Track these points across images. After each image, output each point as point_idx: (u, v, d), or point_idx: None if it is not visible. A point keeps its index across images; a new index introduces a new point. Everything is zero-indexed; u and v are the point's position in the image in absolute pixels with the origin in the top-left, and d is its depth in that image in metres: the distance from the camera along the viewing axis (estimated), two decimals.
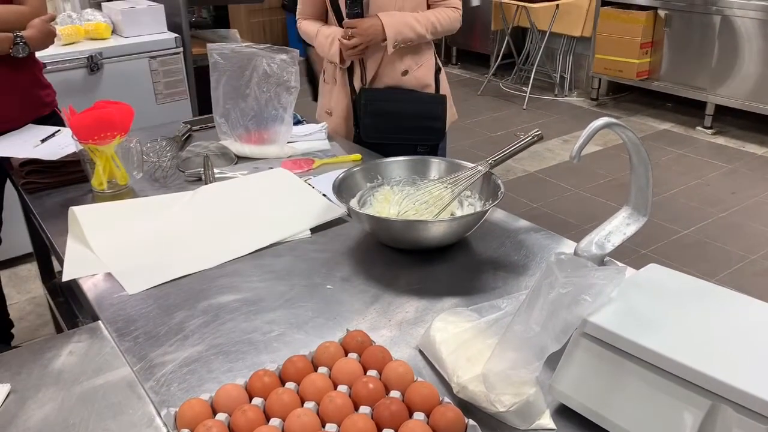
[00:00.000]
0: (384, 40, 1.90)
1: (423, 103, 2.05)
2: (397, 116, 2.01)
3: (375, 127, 2.00)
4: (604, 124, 0.91)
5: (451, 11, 1.99)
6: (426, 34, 1.95)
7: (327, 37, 1.98)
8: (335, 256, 1.26)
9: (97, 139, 1.47)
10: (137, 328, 1.05)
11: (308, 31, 2.07)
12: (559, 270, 0.79)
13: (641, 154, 0.95)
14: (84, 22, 3.02)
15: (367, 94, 2.00)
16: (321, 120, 2.15)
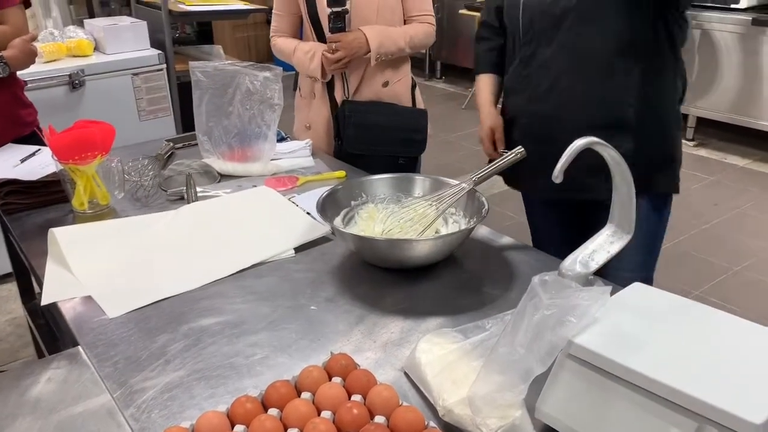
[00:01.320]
0: (367, 53, 1.94)
1: (405, 116, 2.10)
2: (380, 128, 2.03)
3: (358, 139, 2.02)
4: (586, 143, 0.91)
5: (427, 26, 2.06)
6: (405, 47, 2.01)
7: (306, 53, 2.01)
8: (320, 275, 1.25)
9: (78, 159, 1.45)
10: (117, 353, 1.03)
11: (284, 48, 2.09)
12: (543, 291, 0.78)
13: (624, 172, 0.95)
14: (66, 39, 3.00)
15: (350, 106, 2.02)
16: (299, 135, 2.17)
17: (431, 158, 2.28)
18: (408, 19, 2.04)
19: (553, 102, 1.54)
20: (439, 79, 6.14)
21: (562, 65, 1.50)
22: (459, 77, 5.99)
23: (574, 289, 0.80)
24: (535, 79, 1.55)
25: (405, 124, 2.07)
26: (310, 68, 2.01)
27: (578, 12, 1.44)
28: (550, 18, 1.47)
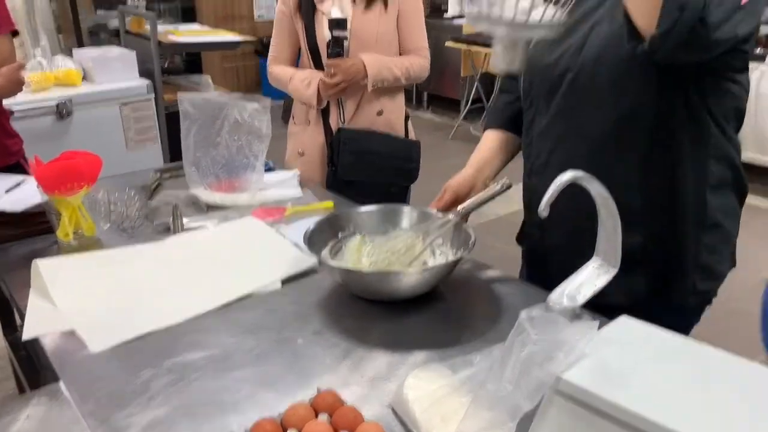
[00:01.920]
0: (364, 79, 2.00)
1: (399, 146, 2.16)
2: (375, 156, 2.08)
3: (353, 166, 2.06)
4: (572, 177, 0.91)
5: (422, 59, 2.13)
6: (401, 77, 2.08)
7: (303, 80, 2.07)
8: (306, 308, 1.24)
9: (64, 191, 1.44)
10: (100, 389, 1.01)
11: (281, 76, 2.14)
12: (530, 327, 0.78)
13: (609, 207, 0.96)
14: (54, 68, 3.01)
15: (345, 134, 2.08)
16: (292, 161, 2.20)
17: (420, 187, 2.30)
18: (403, 52, 2.12)
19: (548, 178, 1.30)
20: (426, 110, 6.20)
21: (558, 137, 1.30)
22: (445, 108, 6.05)
23: (561, 324, 0.80)
24: (534, 150, 1.36)
25: (399, 154, 2.12)
26: (306, 95, 2.05)
27: (575, 77, 1.23)
28: (548, 82, 1.28)
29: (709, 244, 1.25)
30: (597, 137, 1.23)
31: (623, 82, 1.17)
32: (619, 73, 1.17)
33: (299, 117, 2.21)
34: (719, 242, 1.27)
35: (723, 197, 1.26)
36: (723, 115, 1.20)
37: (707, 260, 1.26)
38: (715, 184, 1.23)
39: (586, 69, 1.21)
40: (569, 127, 1.27)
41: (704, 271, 1.27)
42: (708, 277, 1.28)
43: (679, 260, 1.25)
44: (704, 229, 1.24)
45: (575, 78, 1.23)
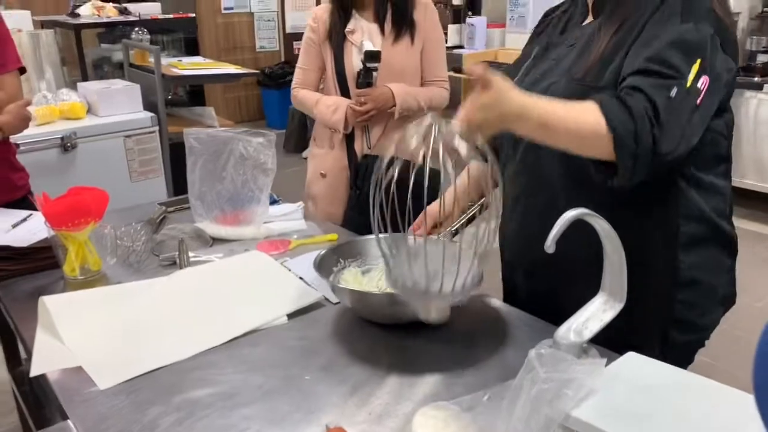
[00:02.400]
0: (392, 107, 2.13)
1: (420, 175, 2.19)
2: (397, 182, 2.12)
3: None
4: (578, 214, 0.93)
5: (443, 90, 2.28)
6: (424, 107, 2.20)
7: (330, 106, 2.19)
8: (313, 342, 1.24)
9: (71, 226, 1.45)
10: (108, 427, 1.01)
11: (307, 101, 2.27)
12: (539, 365, 0.79)
13: (615, 243, 0.97)
14: (59, 102, 3.04)
15: (372, 161, 2.15)
16: (313, 183, 2.34)
17: None
18: (425, 82, 2.25)
19: (512, 226, 1.33)
20: None
21: (522, 186, 1.29)
22: None
23: (569, 362, 0.80)
24: (505, 193, 1.33)
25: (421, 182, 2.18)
26: (332, 120, 2.17)
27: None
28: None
29: (686, 300, 1.22)
30: (557, 192, 1.21)
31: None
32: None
33: (322, 140, 2.32)
34: (699, 297, 1.23)
35: (700, 254, 1.21)
36: (701, 167, 1.17)
37: (685, 315, 1.22)
38: (686, 242, 1.19)
39: None
40: (531, 178, 1.27)
41: (683, 325, 1.23)
42: (688, 331, 1.24)
43: (650, 316, 1.21)
44: (678, 286, 1.21)
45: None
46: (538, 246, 0.94)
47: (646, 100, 1.01)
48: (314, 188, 2.32)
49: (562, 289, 1.27)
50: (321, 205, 2.36)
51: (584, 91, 1.13)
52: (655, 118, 1.01)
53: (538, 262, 1.26)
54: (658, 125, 1.00)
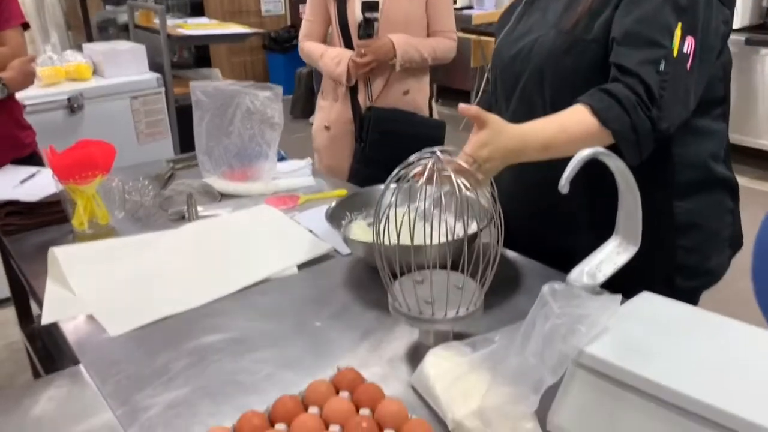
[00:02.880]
0: (393, 59, 2.11)
1: (425, 127, 2.29)
2: (402, 136, 2.17)
3: (381, 144, 2.16)
4: (592, 153, 0.90)
5: (449, 41, 2.24)
6: (428, 58, 2.17)
7: (333, 58, 2.17)
8: (323, 292, 1.24)
9: (79, 179, 1.45)
10: (120, 371, 1.01)
11: (312, 52, 2.26)
12: (553, 300, 0.78)
13: (629, 182, 0.95)
14: (65, 63, 3.02)
15: (376, 113, 2.18)
16: (318, 134, 2.34)
17: None
18: (432, 33, 2.22)
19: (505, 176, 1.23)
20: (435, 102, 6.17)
21: None
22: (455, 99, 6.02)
23: (584, 298, 0.79)
24: None
25: (425, 135, 2.22)
26: (336, 72, 2.16)
27: (524, 84, 1.22)
28: (509, 76, 1.26)
29: (687, 245, 1.21)
30: None
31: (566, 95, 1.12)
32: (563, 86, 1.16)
33: (327, 92, 2.31)
34: (701, 242, 1.23)
35: (698, 199, 1.21)
36: (695, 112, 1.12)
37: (687, 261, 1.22)
38: (682, 188, 1.19)
39: (533, 78, 1.21)
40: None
41: (686, 270, 1.23)
42: (692, 276, 1.24)
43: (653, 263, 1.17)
44: (678, 232, 1.20)
45: (525, 84, 1.23)
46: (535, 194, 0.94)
47: (638, 82, 1.03)
48: (318, 140, 2.34)
49: (559, 237, 1.27)
50: (325, 158, 2.37)
51: (573, 44, 1.14)
52: (650, 100, 1.03)
53: (536, 210, 1.27)
54: (654, 106, 1.03)
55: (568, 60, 1.15)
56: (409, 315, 0.97)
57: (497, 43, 1.33)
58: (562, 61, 1.16)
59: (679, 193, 1.20)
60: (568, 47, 1.14)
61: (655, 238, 1.15)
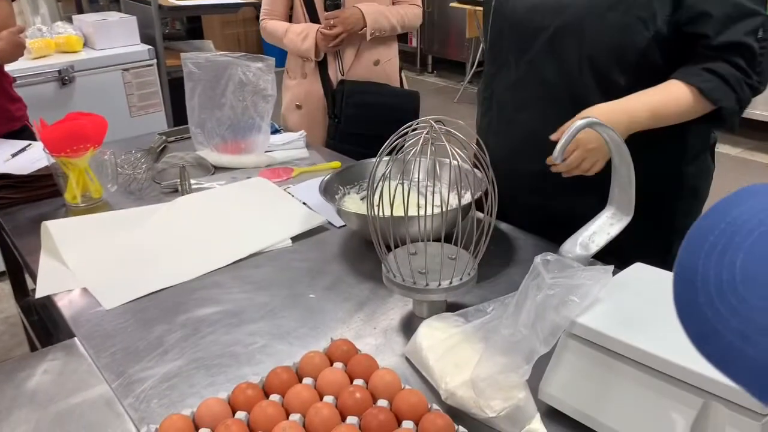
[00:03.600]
0: (363, 28, 2.04)
1: (399, 97, 2.25)
2: (377, 108, 2.13)
3: (357, 117, 2.10)
4: (586, 123, 0.90)
5: (415, 8, 2.18)
6: (397, 26, 2.11)
7: (299, 33, 2.08)
8: (317, 264, 1.24)
9: (70, 152, 1.44)
10: (115, 344, 1.01)
11: (276, 31, 2.15)
12: (545, 271, 0.78)
13: (623, 153, 0.95)
14: (54, 35, 2.97)
15: (348, 86, 2.11)
16: (288, 115, 2.25)
17: None
18: (396, 1, 2.15)
19: (509, 138, 1.28)
20: (430, 73, 6.13)
21: (525, 96, 1.23)
22: (450, 71, 5.99)
23: (576, 269, 0.79)
24: (495, 106, 1.31)
25: (400, 105, 2.18)
26: (302, 48, 2.07)
27: (551, 37, 1.16)
28: (521, 33, 1.21)
29: (685, 209, 1.25)
30: (569, 105, 1.13)
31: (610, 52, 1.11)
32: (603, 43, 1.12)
33: (294, 71, 2.22)
34: (695, 204, 1.28)
35: (698, 163, 1.25)
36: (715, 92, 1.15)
37: (684, 224, 1.24)
38: (692, 153, 1.23)
39: (566, 32, 1.15)
40: (541, 89, 1.21)
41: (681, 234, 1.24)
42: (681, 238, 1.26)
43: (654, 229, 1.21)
44: (681, 196, 1.24)
45: (552, 39, 1.16)
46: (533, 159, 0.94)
47: (740, 56, 1.05)
48: (290, 121, 2.22)
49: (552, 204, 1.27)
50: None
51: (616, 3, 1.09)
52: (752, 69, 1.05)
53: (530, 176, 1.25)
54: (755, 74, 1.05)
55: (612, 16, 1.10)
56: (403, 285, 0.98)
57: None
58: (605, 17, 1.10)
59: (687, 157, 1.23)
60: (615, 3, 1.09)
61: (660, 203, 1.20)
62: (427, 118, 0.95)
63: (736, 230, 0.41)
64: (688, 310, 0.41)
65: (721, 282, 0.39)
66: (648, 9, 1.08)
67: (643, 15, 1.09)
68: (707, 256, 0.41)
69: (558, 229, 1.19)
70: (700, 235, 0.43)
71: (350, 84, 2.10)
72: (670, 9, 1.08)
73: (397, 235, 0.99)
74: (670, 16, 1.08)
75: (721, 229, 0.41)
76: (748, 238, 0.40)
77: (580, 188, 1.14)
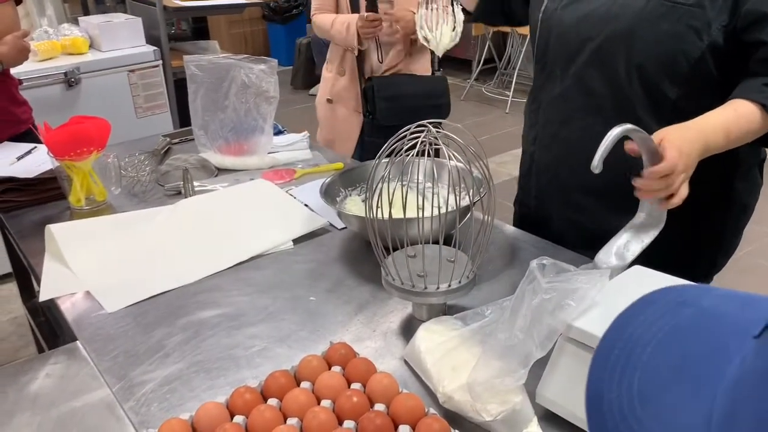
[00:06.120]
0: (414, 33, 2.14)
1: (427, 83, 2.37)
2: (408, 98, 2.28)
3: (390, 110, 2.23)
4: (623, 131, 0.89)
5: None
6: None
7: (343, 23, 2.22)
8: (318, 266, 1.24)
9: (74, 155, 1.44)
10: (116, 347, 1.02)
11: (323, 23, 2.29)
12: (541, 275, 0.78)
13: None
14: (61, 37, 2.99)
15: (377, 81, 2.24)
16: (319, 107, 2.39)
17: None
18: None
19: (555, 152, 1.26)
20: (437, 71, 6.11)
21: (571, 108, 1.20)
22: (456, 69, 5.97)
23: (572, 273, 0.79)
24: (541, 119, 1.28)
25: (429, 91, 2.30)
26: (347, 37, 2.20)
27: (598, 47, 1.12)
28: (568, 44, 1.17)
29: (733, 225, 1.23)
30: (616, 116, 1.06)
31: (661, 62, 1.07)
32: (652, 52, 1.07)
33: (333, 62, 2.35)
34: (743, 219, 1.25)
35: (751, 178, 1.22)
36: None
37: (730, 240, 1.25)
38: (745, 170, 1.19)
39: (615, 41, 1.11)
40: (587, 101, 1.17)
41: (725, 249, 1.26)
42: (727, 254, 1.28)
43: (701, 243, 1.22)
44: (730, 212, 1.21)
45: (600, 48, 1.13)
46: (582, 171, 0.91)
47: None
48: (321, 112, 2.39)
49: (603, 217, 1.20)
50: (324, 131, 2.40)
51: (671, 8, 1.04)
52: None
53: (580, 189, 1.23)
54: None
55: (664, 24, 1.05)
56: (402, 288, 0.98)
57: (545, 6, 1.22)
58: (657, 26, 1.06)
59: (739, 173, 1.19)
60: (667, 11, 1.05)
61: (706, 218, 1.17)
62: (425, 121, 0.95)
63: (633, 345, 0.40)
64: None
65: (622, 405, 0.38)
66: (702, 18, 1.03)
67: (696, 24, 1.04)
68: (610, 378, 0.39)
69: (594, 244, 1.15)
70: (602, 355, 0.42)
71: (378, 79, 2.23)
72: (727, 17, 1.03)
73: (396, 237, 1.00)
74: (727, 25, 1.03)
75: (619, 347, 0.40)
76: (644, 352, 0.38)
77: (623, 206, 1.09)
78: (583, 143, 1.08)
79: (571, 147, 1.22)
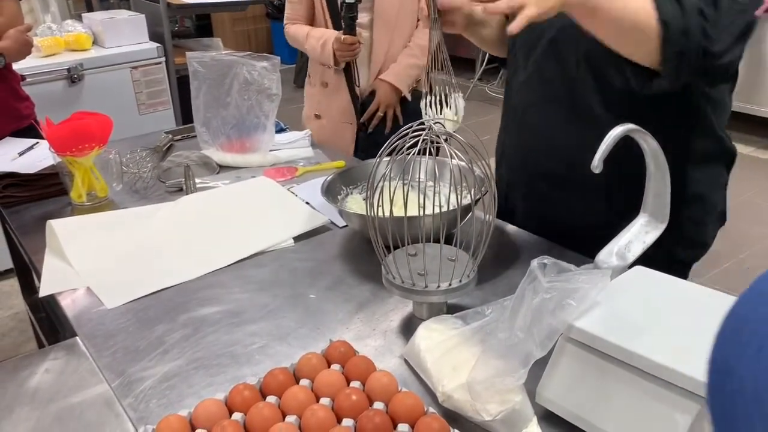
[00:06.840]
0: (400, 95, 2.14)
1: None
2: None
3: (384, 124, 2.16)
4: (624, 130, 0.89)
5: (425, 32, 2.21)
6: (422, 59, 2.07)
7: (318, 39, 2.07)
8: (319, 264, 1.24)
9: (75, 151, 1.44)
10: (116, 343, 1.02)
11: (298, 35, 2.15)
12: (542, 275, 0.77)
13: (659, 160, 0.94)
14: (64, 33, 2.99)
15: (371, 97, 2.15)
16: (308, 123, 2.24)
17: None
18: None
19: (519, 139, 1.31)
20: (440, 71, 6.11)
21: (532, 97, 1.25)
22: (460, 68, 5.96)
23: (573, 273, 0.79)
24: (509, 106, 1.34)
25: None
26: (323, 55, 2.07)
27: (551, 40, 1.17)
28: (530, 34, 1.17)
29: (692, 216, 1.21)
30: (569, 105, 1.17)
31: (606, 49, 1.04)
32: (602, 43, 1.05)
33: (315, 77, 2.22)
34: (704, 214, 1.24)
35: (708, 170, 1.21)
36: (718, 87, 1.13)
37: (689, 232, 1.22)
38: (697, 158, 1.18)
39: (564, 35, 1.14)
40: (545, 89, 1.21)
41: (686, 241, 1.23)
42: (688, 247, 1.25)
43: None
44: (686, 203, 1.18)
45: (552, 42, 1.17)
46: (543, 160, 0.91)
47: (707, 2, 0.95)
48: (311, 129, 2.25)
49: (565, 208, 1.26)
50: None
51: None
52: (709, 15, 0.94)
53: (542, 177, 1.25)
54: (710, 22, 0.94)
55: None
56: (402, 287, 0.97)
57: None
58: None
59: (693, 163, 1.18)
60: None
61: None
62: (426, 119, 0.94)
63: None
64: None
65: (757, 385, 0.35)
66: None
67: None
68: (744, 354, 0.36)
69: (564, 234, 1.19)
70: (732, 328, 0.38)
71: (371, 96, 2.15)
72: None
73: (396, 235, 0.99)
74: None
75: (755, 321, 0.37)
76: None
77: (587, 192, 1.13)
78: (543, 131, 1.18)
79: (533, 134, 1.26)
